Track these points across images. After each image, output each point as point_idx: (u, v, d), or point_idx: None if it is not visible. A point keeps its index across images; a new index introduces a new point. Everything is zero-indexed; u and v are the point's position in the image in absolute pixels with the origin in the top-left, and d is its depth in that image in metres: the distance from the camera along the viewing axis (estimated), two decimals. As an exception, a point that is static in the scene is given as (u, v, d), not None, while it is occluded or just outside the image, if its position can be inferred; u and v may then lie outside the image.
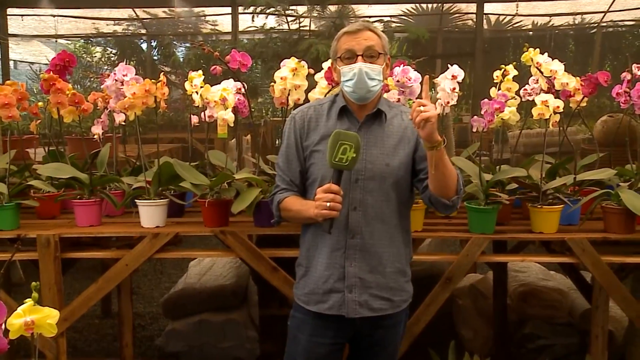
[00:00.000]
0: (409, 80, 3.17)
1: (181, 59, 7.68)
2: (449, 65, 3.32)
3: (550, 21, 7.76)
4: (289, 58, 3.23)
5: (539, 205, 3.19)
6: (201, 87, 3.12)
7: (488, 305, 4.39)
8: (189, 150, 3.79)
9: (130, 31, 7.50)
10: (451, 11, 7.15)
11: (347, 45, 2.39)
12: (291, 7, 5.86)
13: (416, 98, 2.47)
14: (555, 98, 3.14)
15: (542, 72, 3.25)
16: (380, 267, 2.46)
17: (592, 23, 7.46)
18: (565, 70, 3.23)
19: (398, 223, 2.51)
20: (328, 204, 2.21)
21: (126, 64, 3.50)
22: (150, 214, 3.22)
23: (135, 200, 3.26)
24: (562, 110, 3.14)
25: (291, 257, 2.80)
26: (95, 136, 3.63)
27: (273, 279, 3.18)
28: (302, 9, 5.90)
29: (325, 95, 3.22)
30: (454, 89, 3.30)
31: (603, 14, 7.18)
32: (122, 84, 3.27)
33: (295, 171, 2.50)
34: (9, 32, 8.11)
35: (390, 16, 6.97)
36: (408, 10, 7.04)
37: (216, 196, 3.19)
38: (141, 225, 3.24)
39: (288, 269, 3.14)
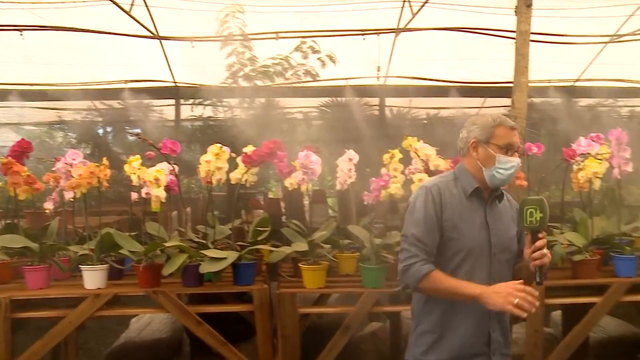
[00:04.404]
0: (311, 162, 3.28)
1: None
2: (345, 150, 3.44)
3: (439, 112, 8.08)
4: (221, 142, 3.31)
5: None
6: (138, 169, 3.16)
7: (386, 349, 4.41)
8: (129, 222, 3.77)
9: (88, 119, 7.46)
10: (361, 104, 7.32)
11: (509, 139, 2.27)
12: (224, 100, 5.98)
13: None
14: (429, 176, 3.28)
15: (419, 156, 3.40)
16: (506, 329, 2.38)
17: (471, 115, 7.89)
18: (437, 154, 3.39)
19: None
20: (516, 300, 1.98)
21: (84, 147, 3.50)
22: (92, 277, 3.17)
23: (80, 266, 3.21)
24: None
25: (216, 312, 2.76)
26: (47, 210, 3.60)
27: (198, 331, 3.14)
28: (234, 101, 6.00)
29: (242, 176, 3.31)
30: (350, 169, 3.41)
31: (479, 108, 7.62)
32: (71, 167, 3.28)
33: (435, 242, 2.23)
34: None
35: (310, 107, 7.17)
36: (325, 102, 7.20)
37: (149, 261, 3.17)
38: (84, 287, 3.18)
39: (213, 323, 3.15)
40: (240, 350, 3.24)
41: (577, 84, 7.20)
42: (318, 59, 5.63)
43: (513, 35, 3.91)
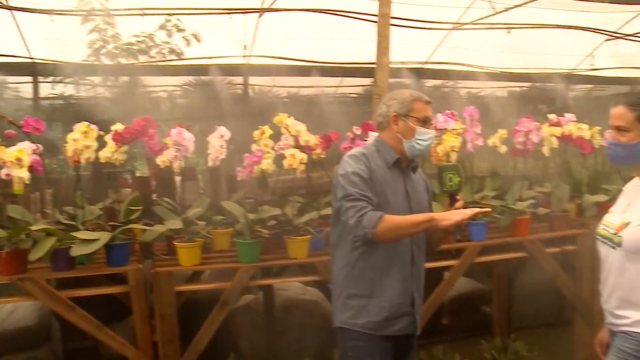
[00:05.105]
0: (184, 139, 3.19)
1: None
2: (216, 127, 3.37)
3: (299, 91, 8.17)
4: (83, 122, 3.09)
5: (293, 236, 3.32)
6: (-4, 149, 2.88)
7: (260, 319, 4.43)
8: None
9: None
10: (224, 82, 7.19)
11: (426, 112, 2.37)
12: (87, 78, 5.62)
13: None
14: (300, 152, 3.31)
15: (289, 132, 3.41)
16: (422, 291, 2.48)
17: (329, 94, 8.05)
18: (307, 130, 3.42)
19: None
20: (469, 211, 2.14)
21: None
22: (-52, 268, 2.87)
23: None
24: (306, 161, 3.32)
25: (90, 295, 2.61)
26: None
27: (71, 316, 2.95)
28: (97, 79, 5.65)
29: (113, 154, 3.14)
30: (222, 146, 3.35)
31: (336, 88, 7.79)
32: None
33: (375, 199, 2.26)
34: None
35: (175, 85, 6.94)
36: (189, 80, 7.01)
37: (13, 247, 2.92)
38: (-62, 279, 2.87)
39: (86, 306, 2.98)
40: (115, 331, 3.09)
41: (426, 66, 7.59)
42: (183, 37, 5.45)
43: (373, 18, 4.03)
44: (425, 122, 2.36)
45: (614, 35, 6.69)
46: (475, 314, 5.08)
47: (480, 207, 2.29)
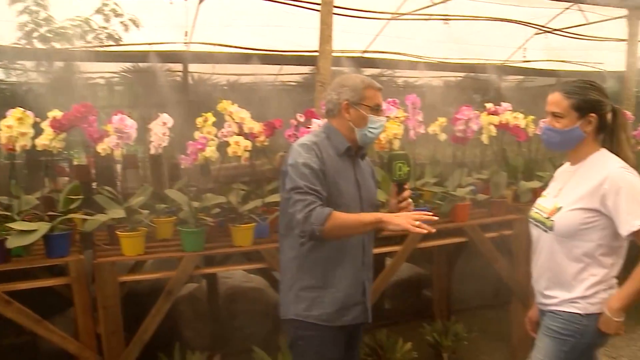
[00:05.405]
0: (126, 126, 3.07)
1: None
2: (159, 114, 3.27)
3: (239, 79, 8.08)
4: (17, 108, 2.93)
5: (237, 224, 3.27)
6: None
7: (204, 308, 4.37)
8: None
9: None
10: (164, 69, 7.01)
11: (377, 100, 2.32)
12: (19, 62, 5.33)
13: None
14: (245, 139, 3.26)
15: (233, 119, 3.35)
16: (371, 279, 2.47)
17: (269, 82, 8.02)
18: (251, 118, 3.37)
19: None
20: (417, 222, 2.04)
21: None
22: None
23: None
24: (250, 148, 3.27)
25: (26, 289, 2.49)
26: None
27: (7, 311, 2.80)
28: (30, 64, 5.38)
29: (50, 142, 2.99)
30: (165, 133, 3.26)
31: (276, 76, 7.74)
32: None
33: (325, 193, 2.19)
34: None
35: (113, 72, 6.71)
36: (127, 68, 6.79)
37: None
38: None
39: (22, 300, 2.84)
40: (55, 325, 2.96)
41: (365, 55, 7.62)
42: (121, 22, 5.25)
43: (314, 6, 4.00)
44: (376, 109, 2.32)
45: (543, 29, 6.90)
46: (416, 298, 5.18)
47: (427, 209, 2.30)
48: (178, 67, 6.96)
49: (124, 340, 3.01)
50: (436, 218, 2.13)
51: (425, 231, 2.03)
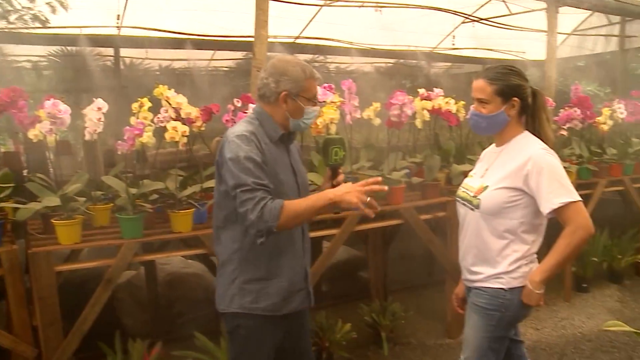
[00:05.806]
0: (60, 112, 2.96)
1: None
2: (93, 99, 3.16)
3: (171, 64, 7.90)
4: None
5: (176, 210, 3.22)
6: None
7: (143, 295, 4.29)
8: None
9: None
10: (94, 54, 6.75)
11: (315, 90, 2.29)
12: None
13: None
14: (182, 124, 3.20)
15: (170, 104, 3.29)
16: (310, 264, 2.46)
17: (202, 67, 7.89)
18: (188, 103, 3.31)
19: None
20: (368, 199, 2.07)
21: None
22: None
23: None
24: (187, 134, 3.21)
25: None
26: None
27: None
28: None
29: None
30: (100, 118, 3.16)
31: (209, 61, 7.62)
32: None
33: (271, 184, 2.12)
34: None
35: (40, 56, 6.40)
36: (55, 51, 6.49)
37: None
38: None
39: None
40: (-14, 318, 2.85)
41: (298, 40, 7.60)
42: (47, 3, 5.01)
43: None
44: (313, 100, 2.29)
45: (470, 18, 7.09)
46: (353, 280, 5.28)
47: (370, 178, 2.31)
48: (109, 51, 6.72)
49: (62, 332, 2.92)
50: (386, 188, 2.16)
51: (373, 215, 2.09)
